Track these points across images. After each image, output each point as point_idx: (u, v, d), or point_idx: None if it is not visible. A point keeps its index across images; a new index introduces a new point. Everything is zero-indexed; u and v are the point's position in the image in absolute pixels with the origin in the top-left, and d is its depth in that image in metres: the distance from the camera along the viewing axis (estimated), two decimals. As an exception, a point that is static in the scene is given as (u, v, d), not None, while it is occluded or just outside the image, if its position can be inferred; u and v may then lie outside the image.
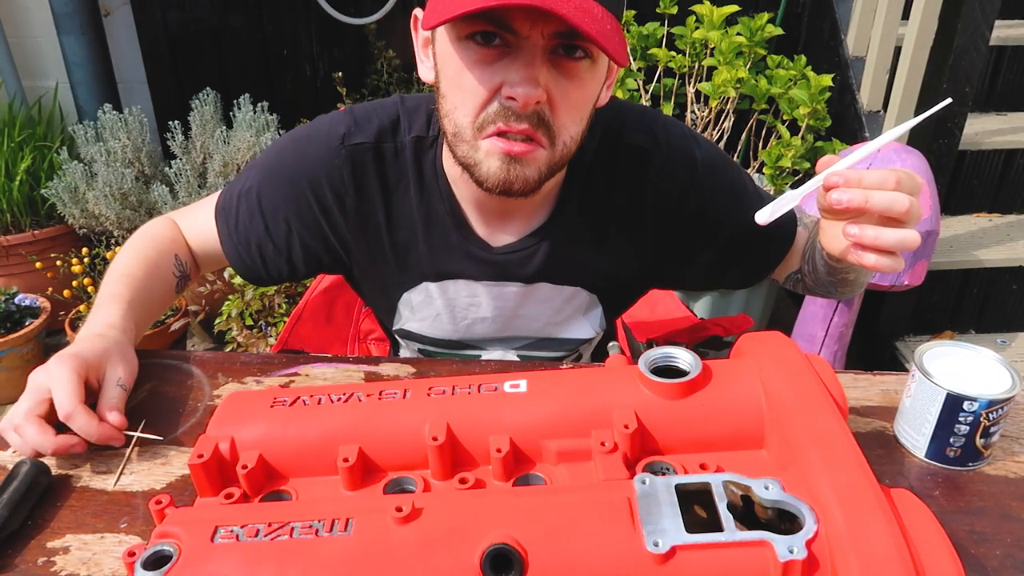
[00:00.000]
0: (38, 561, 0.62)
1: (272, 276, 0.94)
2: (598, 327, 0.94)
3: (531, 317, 0.92)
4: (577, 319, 0.93)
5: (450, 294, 0.90)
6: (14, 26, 2.48)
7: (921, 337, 2.09)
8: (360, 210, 0.86)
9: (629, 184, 0.85)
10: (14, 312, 2.10)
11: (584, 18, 0.63)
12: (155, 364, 0.89)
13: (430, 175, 0.85)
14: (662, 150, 0.85)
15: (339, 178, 0.84)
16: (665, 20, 2.11)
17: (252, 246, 0.91)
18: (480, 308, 0.91)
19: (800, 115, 1.91)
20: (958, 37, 1.70)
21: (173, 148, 2.29)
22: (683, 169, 0.86)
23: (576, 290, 0.91)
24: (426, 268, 0.89)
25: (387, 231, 0.87)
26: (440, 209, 0.85)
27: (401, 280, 0.91)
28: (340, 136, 0.84)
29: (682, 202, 0.87)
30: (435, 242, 0.87)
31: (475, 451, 0.63)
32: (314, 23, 2.51)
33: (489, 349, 0.96)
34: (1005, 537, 0.63)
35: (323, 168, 0.84)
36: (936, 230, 1.68)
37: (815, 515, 0.49)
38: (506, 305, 0.91)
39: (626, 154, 0.85)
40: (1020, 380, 0.69)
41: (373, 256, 0.90)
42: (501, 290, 0.89)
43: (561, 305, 0.92)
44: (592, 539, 0.50)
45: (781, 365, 0.63)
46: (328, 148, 0.84)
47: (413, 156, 0.84)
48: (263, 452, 0.63)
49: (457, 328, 0.93)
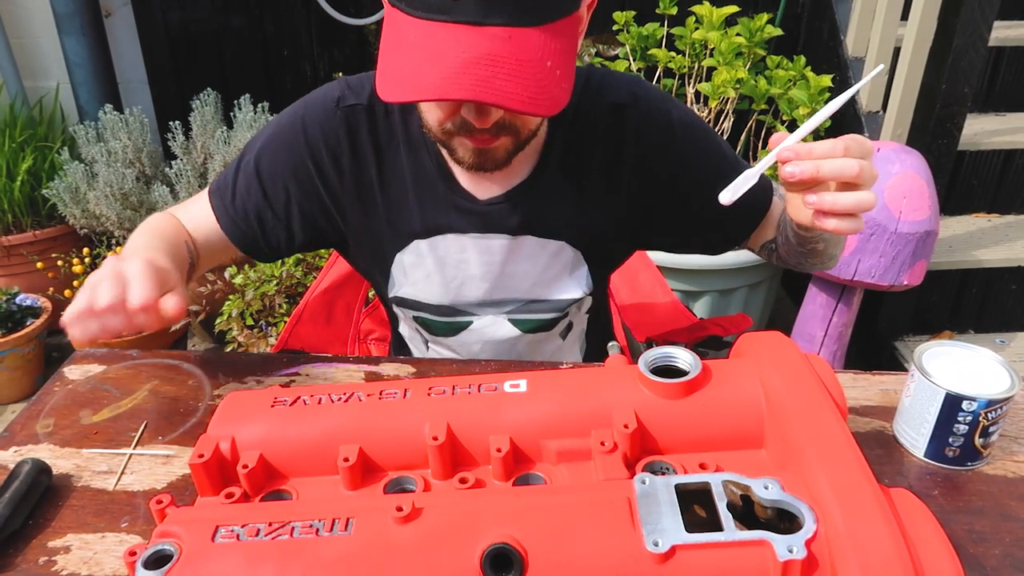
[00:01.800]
0: (39, 560, 0.62)
1: (272, 245, 0.95)
2: (585, 287, 0.96)
3: (519, 276, 0.94)
4: (564, 279, 0.95)
5: (440, 251, 0.92)
6: (15, 26, 2.49)
7: (920, 337, 2.09)
8: (355, 170, 0.90)
9: (608, 140, 0.89)
10: (15, 312, 2.10)
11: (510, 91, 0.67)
12: (155, 364, 0.89)
13: (417, 134, 0.89)
14: (640, 106, 0.89)
15: (335, 139, 0.88)
16: (665, 21, 2.11)
17: (251, 216, 0.92)
18: (469, 265, 0.93)
19: (799, 115, 1.91)
20: (957, 37, 1.70)
21: (174, 148, 2.29)
22: (660, 127, 0.89)
23: (561, 245, 0.92)
24: (416, 225, 0.92)
25: (379, 189, 0.91)
26: (428, 165, 0.89)
27: (394, 241, 0.93)
28: (335, 100, 0.89)
29: (658, 160, 0.90)
30: (424, 197, 0.90)
31: (475, 451, 0.64)
32: (314, 23, 2.51)
33: (480, 314, 0.97)
34: (1004, 536, 0.63)
35: (320, 130, 0.88)
36: (935, 230, 1.68)
37: (814, 515, 0.49)
38: (493, 260, 0.92)
39: (605, 111, 0.89)
40: (1019, 380, 0.70)
41: (367, 217, 0.92)
42: (488, 243, 0.91)
43: (547, 262, 0.93)
44: (592, 539, 0.50)
45: (781, 365, 0.63)
46: (324, 111, 0.88)
47: (401, 117, 0.89)
48: (264, 452, 0.63)
49: (448, 289, 0.94)
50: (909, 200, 1.62)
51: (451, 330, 0.98)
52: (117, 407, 0.82)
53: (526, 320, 0.97)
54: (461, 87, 0.66)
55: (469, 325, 0.98)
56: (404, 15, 0.70)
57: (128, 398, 0.83)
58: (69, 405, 0.82)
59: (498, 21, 0.67)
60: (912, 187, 1.62)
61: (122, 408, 0.82)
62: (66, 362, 0.90)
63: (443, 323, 0.98)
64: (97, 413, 0.81)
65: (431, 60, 0.67)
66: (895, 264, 1.66)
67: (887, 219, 1.62)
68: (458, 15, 0.66)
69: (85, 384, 0.86)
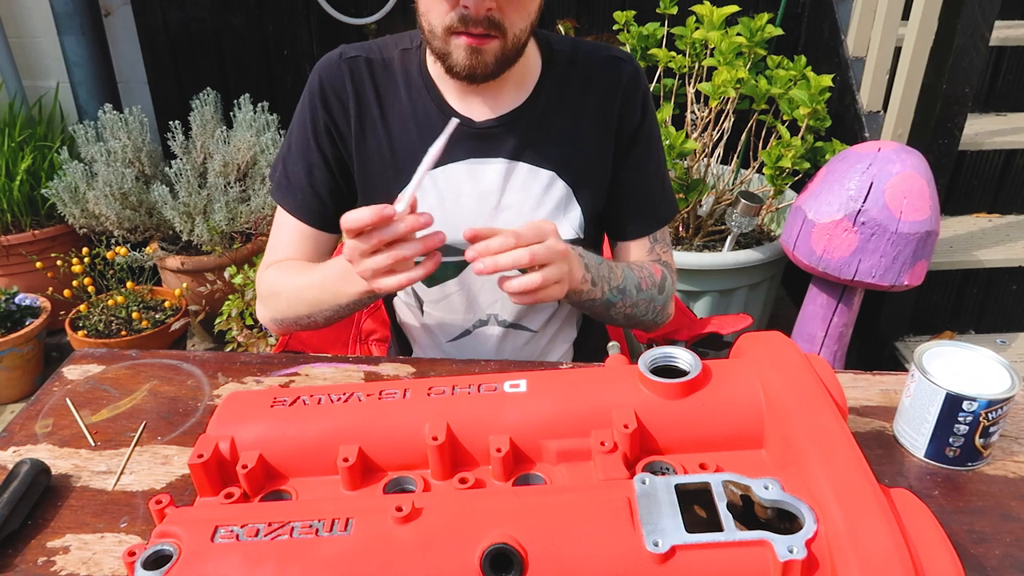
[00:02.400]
0: (38, 561, 0.62)
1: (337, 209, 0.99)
2: (578, 228, 1.00)
3: (513, 208, 0.98)
4: (558, 219, 0.99)
5: (440, 184, 0.98)
6: (15, 26, 2.48)
7: (921, 337, 2.09)
8: (359, 113, 0.98)
9: (603, 84, 0.99)
10: (14, 312, 2.10)
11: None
12: (155, 364, 0.89)
13: (416, 75, 0.98)
14: (634, 64, 1.01)
15: (341, 85, 0.98)
16: (665, 20, 2.11)
17: (306, 189, 1.00)
18: (467, 198, 0.98)
19: (800, 115, 1.91)
20: (958, 37, 1.70)
21: (173, 148, 2.29)
22: (644, 90, 1.02)
23: (552, 176, 0.98)
24: (419, 157, 0.95)
25: (383, 128, 0.98)
26: (427, 99, 0.97)
27: (398, 178, 0.98)
28: (338, 55, 0.99)
29: (635, 116, 1.00)
30: (424, 130, 0.97)
31: (475, 451, 0.63)
32: (314, 23, 2.51)
33: None
34: (1004, 537, 0.63)
35: (328, 83, 0.98)
36: (936, 230, 1.68)
37: (815, 515, 0.49)
38: (490, 190, 0.98)
39: (602, 59, 1.00)
40: (1019, 380, 0.69)
41: (373, 159, 0.99)
42: (485, 168, 0.97)
43: (540, 195, 0.98)
44: (592, 539, 0.50)
45: (781, 365, 0.63)
46: (329, 66, 0.98)
47: (400, 64, 0.99)
48: (263, 452, 0.63)
49: (448, 225, 0.96)
50: (910, 200, 1.62)
51: (453, 270, 1.01)
52: (116, 407, 0.82)
53: None
54: None
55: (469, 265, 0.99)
56: None
57: (127, 398, 0.83)
58: (68, 405, 0.82)
59: None
60: (912, 187, 1.62)
61: (121, 408, 0.82)
62: (65, 362, 0.90)
63: (445, 264, 1.00)
64: (96, 413, 0.81)
65: None
66: (896, 264, 1.66)
67: (888, 219, 1.62)
68: None
69: (84, 384, 0.86)
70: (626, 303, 0.96)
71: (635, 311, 0.98)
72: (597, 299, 0.91)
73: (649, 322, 1.03)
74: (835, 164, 1.74)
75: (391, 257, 0.75)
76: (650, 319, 1.02)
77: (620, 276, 0.94)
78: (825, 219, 1.69)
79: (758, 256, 1.98)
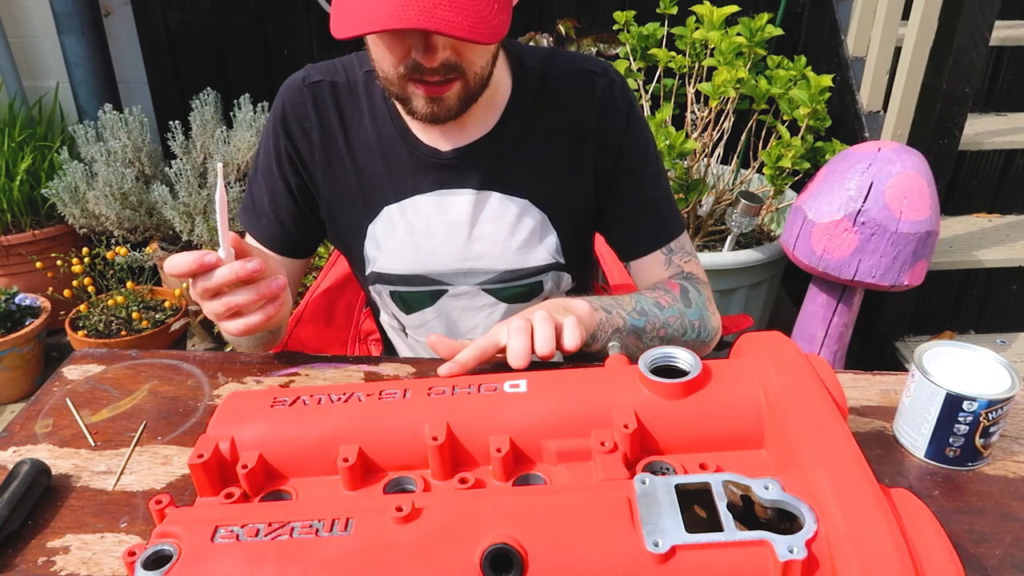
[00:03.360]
0: (38, 561, 0.62)
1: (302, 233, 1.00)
2: (555, 253, 0.98)
3: (486, 240, 0.96)
4: (534, 247, 0.97)
5: (409, 215, 0.95)
6: (15, 26, 2.48)
7: (921, 337, 2.09)
8: (324, 142, 0.95)
9: (576, 102, 0.94)
10: (14, 312, 2.10)
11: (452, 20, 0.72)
12: (155, 364, 0.89)
13: (380, 102, 0.95)
14: (611, 76, 0.96)
15: (304, 113, 0.95)
16: (665, 20, 2.11)
17: (270, 215, 0.98)
18: (437, 229, 0.95)
19: (800, 115, 1.91)
20: (958, 37, 1.70)
21: (173, 148, 2.29)
22: (623, 100, 0.96)
23: (525, 204, 0.95)
24: (386, 189, 0.96)
25: (348, 158, 0.95)
26: (391, 128, 0.94)
27: (365, 211, 0.97)
28: (301, 79, 0.96)
29: (617, 130, 0.95)
30: (391, 160, 0.94)
31: (475, 451, 0.63)
32: (314, 23, 2.51)
33: (455, 284, 0.99)
34: (1004, 537, 0.63)
35: (292, 109, 0.95)
36: (936, 230, 1.68)
37: (815, 515, 0.49)
38: (460, 221, 0.95)
39: (574, 75, 0.95)
40: (1019, 380, 0.69)
41: (340, 189, 0.97)
42: (454, 199, 0.94)
43: (513, 225, 0.95)
44: (592, 539, 0.50)
45: (781, 365, 0.63)
46: (292, 90, 0.95)
47: (365, 88, 0.95)
48: (263, 452, 0.63)
49: (420, 255, 0.97)
50: (910, 200, 1.62)
51: (429, 299, 1.00)
52: (116, 407, 0.82)
53: (501, 289, 1.00)
54: (407, 17, 0.70)
55: (445, 293, 0.99)
56: None
57: (127, 398, 0.83)
58: (68, 405, 0.82)
59: None
60: (913, 187, 1.62)
61: (121, 408, 0.82)
62: (65, 362, 0.90)
63: (420, 293, 1.00)
64: (96, 413, 0.81)
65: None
66: (896, 264, 1.66)
67: (888, 219, 1.62)
68: None
69: (84, 384, 0.86)
70: (655, 325, 0.89)
71: (669, 331, 0.91)
72: (621, 327, 0.86)
73: (694, 341, 0.94)
74: (835, 164, 1.74)
75: (223, 305, 0.73)
76: (692, 337, 0.93)
77: (631, 301, 0.89)
78: (825, 219, 1.69)
79: (758, 256, 1.98)
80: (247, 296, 0.73)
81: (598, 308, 0.85)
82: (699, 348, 0.95)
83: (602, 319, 0.85)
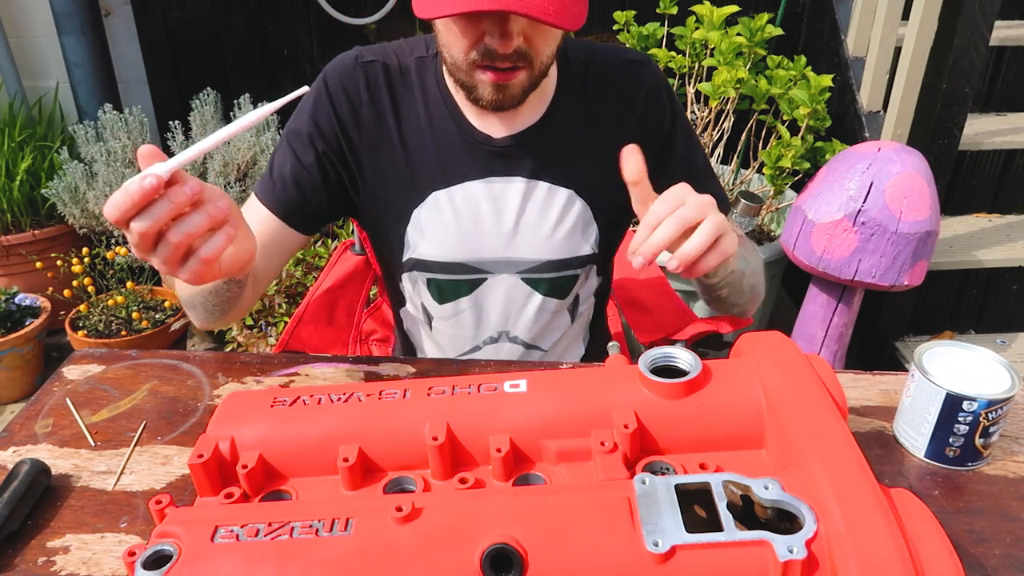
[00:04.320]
0: (38, 561, 0.62)
1: (312, 208, 0.96)
2: (594, 245, 0.99)
3: (531, 228, 0.96)
4: (575, 237, 0.97)
5: (457, 201, 0.95)
6: (14, 26, 2.48)
7: (921, 337, 2.09)
8: (374, 122, 0.94)
9: (620, 91, 0.95)
10: (14, 312, 2.10)
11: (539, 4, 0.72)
12: (155, 364, 0.89)
13: (432, 86, 0.94)
14: (654, 67, 0.97)
15: (355, 91, 0.93)
16: (665, 20, 2.11)
17: (288, 182, 0.94)
18: (485, 217, 0.95)
19: (800, 115, 1.91)
20: (958, 37, 1.70)
21: (173, 148, 2.29)
22: (667, 90, 0.98)
23: (570, 195, 0.95)
24: (435, 173, 0.95)
25: (399, 141, 0.94)
26: (444, 113, 0.94)
27: (412, 195, 0.96)
28: (354, 57, 0.95)
29: (663, 119, 0.96)
30: (442, 145, 0.94)
31: (475, 451, 0.63)
32: (314, 23, 2.51)
33: (496, 272, 0.98)
34: (1004, 537, 0.63)
35: (341, 86, 0.93)
36: (936, 230, 1.68)
37: (815, 515, 0.49)
38: (508, 209, 0.95)
39: (619, 64, 0.96)
40: (1019, 380, 0.69)
41: (386, 172, 0.95)
42: (504, 188, 0.94)
43: (559, 215, 0.95)
44: (592, 539, 0.50)
45: (781, 365, 0.63)
46: (344, 67, 0.94)
47: (417, 74, 0.95)
48: (263, 452, 0.63)
49: (464, 243, 0.96)
50: (910, 200, 1.62)
51: (467, 288, 0.99)
52: (116, 407, 0.82)
53: (540, 279, 0.99)
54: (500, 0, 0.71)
55: (484, 282, 0.99)
56: None
57: (127, 398, 0.83)
58: (68, 405, 0.82)
59: None
60: (913, 187, 1.62)
61: (121, 408, 0.82)
62: (65, 362, 0.90)
63: (458, 281, 0.99)
64: (96, 413, 0.81)
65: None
66: (895, 264, 1.66)
67: (888, 219, 1.62)
68: None
69: (84, 384, 0.86)
70: (751, 267, 0.90)
71: (756, 280, 0.92)
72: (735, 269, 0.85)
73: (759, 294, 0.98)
74: (835, 164, 1.74)
75: (172, 246, 0.59)
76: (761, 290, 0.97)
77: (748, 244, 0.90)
78: (825, 219, 1.69)
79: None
80: (199, 220, 0.59)
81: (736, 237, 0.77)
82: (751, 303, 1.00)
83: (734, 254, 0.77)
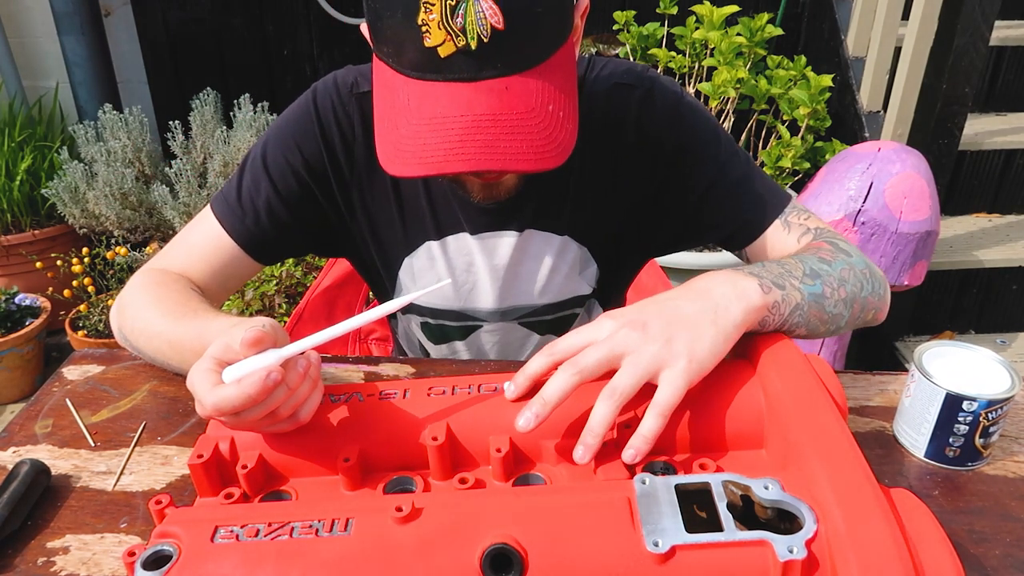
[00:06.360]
0: (38, 561, 0.62)
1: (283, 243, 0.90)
2: (593, 282, 0.95)
3: (526, 278, 0.92)
4: (573, 280, 0.93)
5: (450, 253, 0.91)
6: (14, 26, 2.48)
7: (921, 337, 2.09)
8: (367, 161, 0.86)
9: (609, 122, 0.86)
10: (14, 312, 2.10)
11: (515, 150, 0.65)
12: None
13: None
14: (644, 83, 0.86)
15: (349, 124, 0.86)
16: (665, 20, 2.11)
17: (260, 211, 0.86)
18: (479, 269, 0.92)
19: (800, 115, 1.91)
20: (958, 37, 1.70)
21: (173, 148, 2.29)
22: (666, 99, 0.86)
23: (564, 240, 0.91)
24: (428, 224, 0.90)
25: (392, 186, 0.89)
26: None
27: (404, 243, 0.92)
28: (349, 85, 0.86)
29: (664, 134, 0.86)
30: (435, 196, 0.89)
31: (475, 451, 0.63)
32: (314, 23, 2.51)
33: (491, 321, 0.96)
34: (1004, 537, 0.63)
35: (334, 116, 0.85)
36: (936, 230, 1.68)
37: (815, 515, 0.49)
38: (501, 262, 0.91)
39: (609, 93, 0.86)
40: (1019, 380, 0.69)
41: (377, 216, 0.90)
42: (496, 242, 0.90)
43: (554, 262, 0.91)
44: (592, 539, 0.50)
45: (781, 365, 0.63)
46: (339, 97, 0.86)
47: None
48: (263, 452, 0.63)
49: (459, 293, 0.94)
50: (909, 200, 1.62)
51: (461, 333, 0.98)
52: (116, 407, 0.82)
53: (538, 322, 0.97)
54: (466, 157, 0.64)
55: (479, 328, 0.97)
56: (395, 72, 0.67)
57: (127, 398, 0.83)
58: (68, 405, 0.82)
59: (492, 73, 0.64)
60: (912, 187, 1.62)
61: (121, 408, 0.82)
62: (65, 362, 0.90)
63: (453, 327, 0.97)
64: (96, 413, 0.81)
65: (431, 129, 0.65)
66: (896, 264, 1.66)
67: (888, 219, 1.62)
68: (450, 73, 0.64)
69: (84, 384, 0.86)
70: (832, 285, 0.73)
71: (848, 289, 0.74)
72: (800, 302, 0.69)
73: (871, 295, 0.78)
74: (835, 164, 1.74)
75: (290, 408, 0.61)
76: (870, 291, 0.77)
77: (797, 264, 0.73)
78: (825, 219, 1.69)
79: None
80: (305, 390, 0.61)
81: (771, 287, 0.68)
82: (880, 304, 0.80)
83: (776, 301, 0.68)
